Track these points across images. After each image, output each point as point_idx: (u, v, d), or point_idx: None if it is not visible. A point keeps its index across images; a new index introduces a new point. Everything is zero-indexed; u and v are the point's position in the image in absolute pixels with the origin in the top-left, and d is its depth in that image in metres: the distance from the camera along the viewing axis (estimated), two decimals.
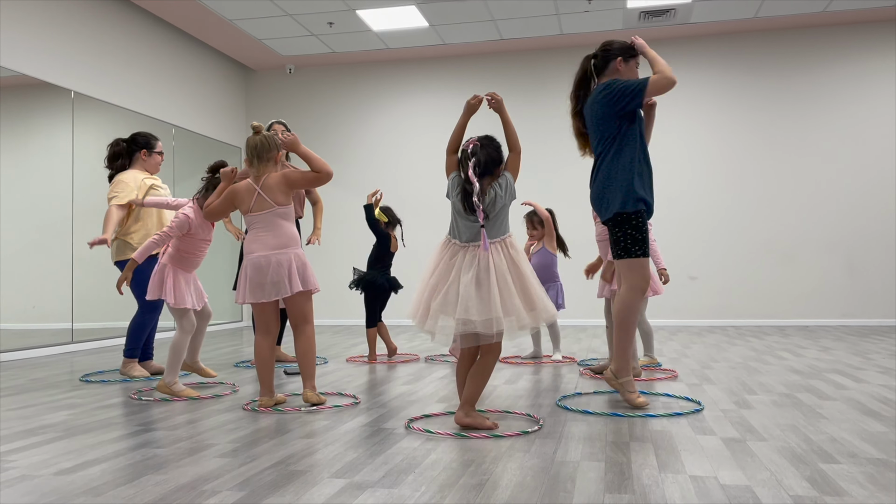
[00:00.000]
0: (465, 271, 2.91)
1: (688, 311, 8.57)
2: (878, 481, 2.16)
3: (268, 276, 3.43)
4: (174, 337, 3.88)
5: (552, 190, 8.61)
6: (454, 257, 2.99)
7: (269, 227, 3.48)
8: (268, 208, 3.48)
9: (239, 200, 3.53)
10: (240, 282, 3.54)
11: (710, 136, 8.68)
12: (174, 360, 3.85)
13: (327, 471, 2.36)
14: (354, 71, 9.62)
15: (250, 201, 3.50)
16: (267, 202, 3.48)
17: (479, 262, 2.92)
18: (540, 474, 2.29)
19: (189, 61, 8.55)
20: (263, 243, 3.47)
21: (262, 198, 3.48)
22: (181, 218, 3.86)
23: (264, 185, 3.49)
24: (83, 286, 6.67)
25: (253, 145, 3.51)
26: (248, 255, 3.49)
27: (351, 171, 9.41)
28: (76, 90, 6.73)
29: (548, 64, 9.00)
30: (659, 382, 4.18)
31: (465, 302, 2.85)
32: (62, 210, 6.54)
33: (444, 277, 2.95)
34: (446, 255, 3.01)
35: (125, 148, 4.77)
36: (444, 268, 2.98)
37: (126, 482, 2.26)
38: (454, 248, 3.01)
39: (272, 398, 3.53)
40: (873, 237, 8.26)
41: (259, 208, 3.49)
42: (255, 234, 3.51)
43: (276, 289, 3.45)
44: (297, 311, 3.55)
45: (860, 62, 8.39)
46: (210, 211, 3.65)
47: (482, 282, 2.89)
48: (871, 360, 5.03)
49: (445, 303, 2.89)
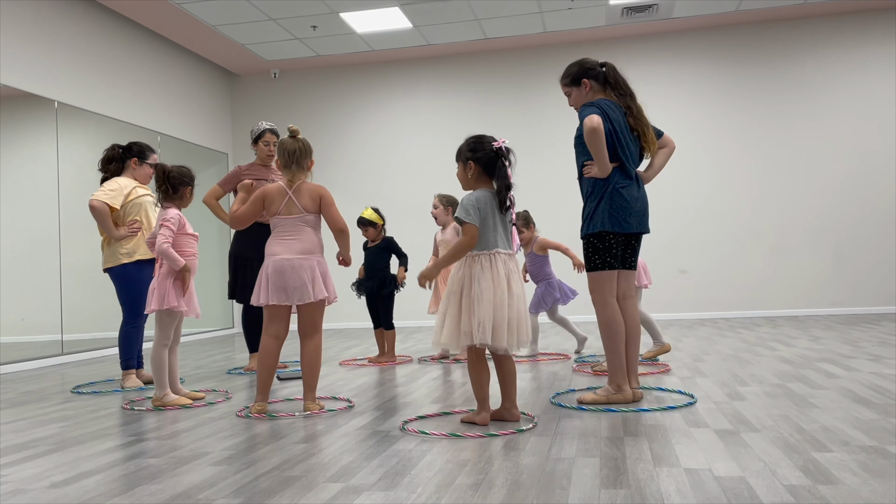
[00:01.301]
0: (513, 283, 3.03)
1: (678, 305, 8.61)
2: (870, 468, 2.18)
3: (290, 280, 3.43)
4: (152, 351, 3.84)
5: (536, 187, 8.63)
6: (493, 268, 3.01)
7: (296, 233, 3.49)
8: (297, 213, 3.49)
9: (269, 201, 3.52)
10: (259, 282, 3.50)
11: (696, 130, 8.71)
12: (159, 374, 3.82)
13: (323, 475, 2.36)
14: (339, 74, 9.60)
15: (280, 203, 3.49)
16: (297, 207, 3.49)
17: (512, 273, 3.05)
18: (536, 472, 2.30)
19: (173, 68, 8.52)
20: (288, 247, 3.47)
21: (293, 202, 3.49)
22: (173, 220, 3.82)
23: (297, 190, 3.51)
24: (72, 297, 6.63)
25: (292, 150, 3.50)
26: (270, 256, 3.48)
27: (338, 173, 9.39)
28: (60, 100, 6.69)
29: (533, 62, 9.02)
30: (651, 377, 4.20)
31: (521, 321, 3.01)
32: (48, 221, 6.50)
33: (504, 291, 2.98)
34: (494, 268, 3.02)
35: (119, 153, 4.75)
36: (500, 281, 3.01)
37: (121, 493, 2.25)
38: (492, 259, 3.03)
39: (266, 405, 3.52)
40: (860, 226, 8.32)
41: (288, 212, 3.50)
42: (279, 237, 3.50)
43: (299, 293, 3.44)
44: (309, 320, 3.54)
45: (843, 53, 8.45)
46: (239, 217, 3.58)
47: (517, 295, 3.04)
48: (860, 349, 5.07)
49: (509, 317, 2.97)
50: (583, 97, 3.54)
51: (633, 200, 3.44)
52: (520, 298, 3.01)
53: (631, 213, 3.43)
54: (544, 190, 8.58)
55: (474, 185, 3.12)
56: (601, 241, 3.42)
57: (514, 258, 3.10)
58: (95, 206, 4.46)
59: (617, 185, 3.40)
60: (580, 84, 3.54)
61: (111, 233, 4.51)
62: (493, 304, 2.93)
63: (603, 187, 3.41)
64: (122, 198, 4.56)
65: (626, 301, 3.54)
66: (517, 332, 2.98)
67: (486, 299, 2.94)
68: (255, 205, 3.54)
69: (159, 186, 3.91)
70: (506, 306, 2.94)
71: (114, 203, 4.51)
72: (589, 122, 3.28)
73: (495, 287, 2.96)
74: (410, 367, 5.07)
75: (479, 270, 3.00)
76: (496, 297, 2.94)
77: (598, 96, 3.51)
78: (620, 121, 3.44)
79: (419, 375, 4.64)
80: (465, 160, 3.12)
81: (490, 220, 3.03)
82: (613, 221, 3.40)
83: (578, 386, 3.94)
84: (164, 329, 3.86)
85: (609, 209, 3.40)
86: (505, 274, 3.00)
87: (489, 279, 2.97)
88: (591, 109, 3.37)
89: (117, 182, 4.60)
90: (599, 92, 3.53)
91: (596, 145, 3.30)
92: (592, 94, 3.52)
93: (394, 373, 4.84)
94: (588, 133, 3.29)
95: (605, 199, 3.40)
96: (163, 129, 8.19)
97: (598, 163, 3.35)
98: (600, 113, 3.35)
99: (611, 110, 3.42)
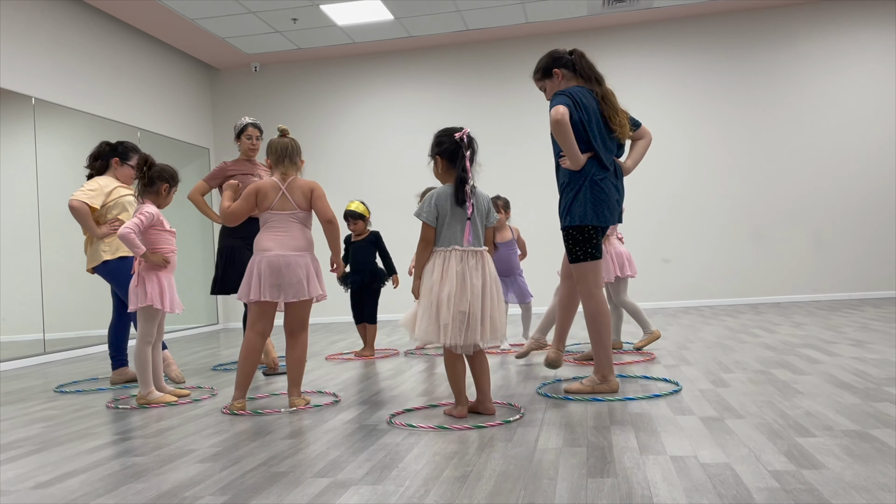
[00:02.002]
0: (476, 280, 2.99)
1: (663, 294, 8.66)
2: (853, 452, 2.20)
3: (285, 277, 3.42)
4: (136, 349, 3.82)
5: (518, 178, 8.64)
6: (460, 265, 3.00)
7: (288, 229, 3.48)
8: (289, 209, 3.49)
9: (262, 196, 3.49)
10: (250, 279, 3.46)
11: (677, 119, 8.75)
12: (143, 372, 3.80)
13: (310, 470, 2.35)
14: (321, 67, 9.55)
15: (274, 198, 3.48)
16: (290, 203, 3.49)
17: (487, 271, 3.03)
18: (523, 462, 2.30)
19: (152, 63, 8.43)
20: (281, 243, 3.45)
21: (286, 198, 3.49)
22: (147, 214, 3.79)
23: (290, 186, 3.50)
24: (53, 295, 6.56)
25: (284, 146, 3.51)
26: (263, 252, 3.45)
27: (322, 167, 9.35)
28: (37, 96, 6.60)
29: (515, 53, 9.01)
30: (637, 365, 4.22)
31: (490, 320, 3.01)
32: (28, 219, 6.42)
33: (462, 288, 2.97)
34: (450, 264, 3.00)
35: (106, 151, 4.70)
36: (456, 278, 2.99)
37: (106, 492, 2.23)
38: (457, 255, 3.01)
39: (245, 401, 3.50)
40: (840, 213, 8.41)
41: (281, 208, 3.48)
42: (272, 232, 3.48)
43: (295, 290, 3.44)
44: (298, 317, 3.54)
45: (821, 41, 8.51)
46: (233, 213, 3.51)
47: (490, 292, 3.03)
48: (842, 334, 5.13)
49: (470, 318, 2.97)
50: (556, 88, 3.49)
51: (611, 191, 3.40)
52: (477, 295, 2.96)
53: (608, 204, 3.38)
54: (527, 180, 8.59)
55: (446, 179, 3.10)
56: (581, 232, 3.38)
57: (478, 254, 3.04)
58: (75, 206, 4.41)
59: (594, 178, 3.35)
60: (552, 75, 3.50)
61: (93, 231, 4.47)
62: (438, 302, 2.94)
63: (579, 179, 3.35)
64: (103, 197, 4.51)
65: None
66: (478, 328, 2.95)
67: (425, 297, 2.97)
68: (248, 200, 3.50)
69: (138, 175, 3.91)
70: (452, 305, 2.92)
71: (93, 203, 4.45)
72: (554, 114, 3.21)
73: (443, 285, 2.95)
74: (396, 361, 5.06)
75: (430, 268, 3.02)
76: (443, 294, 2.94)
77: (571, 84, 3.47)
78: (593, 108, 3.37)
79: (405, 369, 4.64)
80: (431, 156, 3.11)
81: (447, 216, 3.02)
82: (590, 215, 3.35)
83: (565, 376, 3.95)
84: (147, 326, 3.83)
85: (588, 202, 3.34)
86: (460, 271, 2.97)
87: (438, 277, 2.97)
88: (559, 99, 3.31)
89: (97, 182, 4.55)
90: (572, 80, 3.48)
91: (562, 137, 3.24)
92: (565, 82, 3.48)
93: (380, 367, 4.83)
94: (553, 126, 3.23)
95: (582, 191, 3.35)
96: (143, 125, 8.11)
97: (569, 155, 3.29)
98: (570, 102, 3.30)
99: (583, 97, 3.36)
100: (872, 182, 8.33)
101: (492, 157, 8.72)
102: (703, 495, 1.89)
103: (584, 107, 3.34)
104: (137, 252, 3.75)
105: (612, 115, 3.41)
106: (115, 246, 4.50)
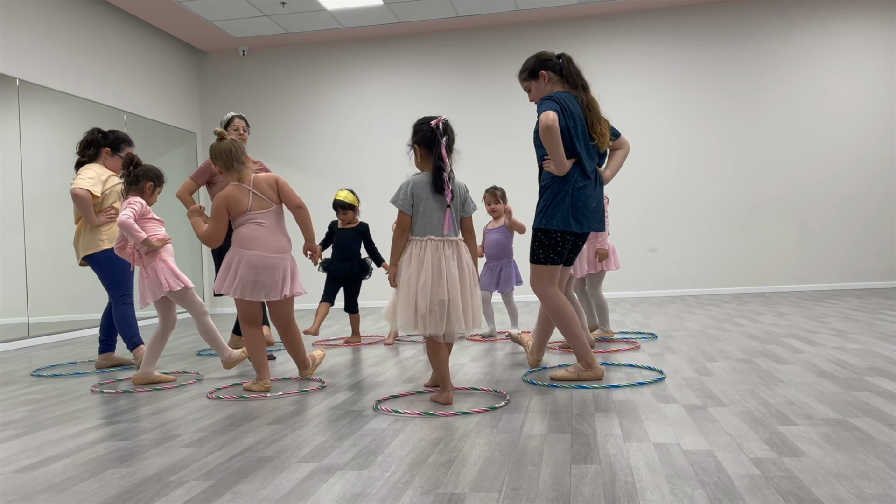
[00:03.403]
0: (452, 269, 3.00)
1: (648, 283, 8.72)
2: (833, 441, 2.23)
3: (261, 277, 3.47)
4: (156, 331, 3.90)
5: (510, 168, 8.64)
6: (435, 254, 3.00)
7: (269, 227, 3.51)
8: (268, 207, 3.52)
9: (235, 203, 3.49)
10: (226, 274, 3.50)
11: (664, 109, 8.77)
12: (153, 353, 3.88)
13: (295, 456, 2.36)
14: (309, 52, 9.48)
15: (247, 201, 3.49)
16: (266, 201, 3.52)
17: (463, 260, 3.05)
18: (508, 449, 2.32)
19: (138, 45, 8.34)
20: (262, 243, 3.48)
21: (259, 197, 3.51)
22: (137, 203, 3.84)
23: (255, 185, 3.51)
24: (38, 279, 6.51)
25: (227, 150, 3.51)
26: (244, 250, 3.46)
27: (309, 153, 9.31)
28: (21, 78, 6.52)
29: (505, 41, 8.98)
30: (621, 354, 4.25)
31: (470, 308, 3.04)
32: (12, 202, 6.36)
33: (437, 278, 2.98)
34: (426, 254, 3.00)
35: (98, 139, 4.65)
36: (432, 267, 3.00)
37: (90, 476, 2.22)
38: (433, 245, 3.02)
39: (269, 382, 3.57)
40: (825, 204, 8.47)
41: (259, 207, 3.50)
42: (251, 231, 3.48)
43: (267, 291, 3.51)
44: (282, 314, 3.65)
45: (809, 31, 8.53)
46: (211, 235, 3.49)
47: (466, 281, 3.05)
48: (825, 324, 5.18)
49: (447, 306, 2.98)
50: (541, 90, 3.47)
51: (588, 200, 3.39)
52: (455, 284, 2.97)
53: (585, 212, 3.38)
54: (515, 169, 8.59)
55: (425, 168, 3.10)
56: (548, 237, 3.39)
57: (454, 244, 3.04)
58: (80, 194, 4.39)
59: (575, 185, 3.35)
60: (538, 77, 3.47)
61: (91, 220, 4.43)
62: (412, 292, 2.96)
63: (561, 185, 3.35)
64: (101, 185, 4.51)
65: (566, 289, 3.59)
66: (460, 317, 2.97)
67: (403, 288, 2.99)
68: (220, 216, 3.50)
69: (124, 174, 3.98)
70: (429, 294, 2.94)
71: (95, 190, 4.45)
72: (544, 119, 3.19)
73: (419, 275, 2.97)
74: (383, 348, 5.07)
75: (406, 258, 3.03)
76: (418, 284, 2.96)
77: (557, 88, 3.45)
78: (579, 114, 3.36)
79: (392, 355, 4.65)
80: (410, 145, 3.11)
81: (423, 205, 3.02)
82: (566, 222, 3.34)
83: (550, 364, 3.97)
84: (192, 304, 3.91)
85: (565, 209, 3.34)
86: (435, 261, 2.98)
87: (414, 267, 2.99)
88: (548, 104, 3.29)
89: (94, 170, 4.52)
90: (558, 84, 3.45)
91: (551, 143, 3.21)
92: (552, 86, 3.45)
93: (367, 353, 4.84)
94: (543, 131, 3.20)
95: (560, 197, 3.34)
96: (129, 108, 8.03)
97: (555, 161, 3.27)
98: (559, 108, 3.28)
99: (570, 103, 3.35)
100: (859, 173, 8.40)
101: (481, 144, 8.72)
102: (685, 482, 1.91)
103: (571, 113, 3.32)
104: (138, 237, 3.77)
105: (594, 122, 3.40)
106: (111, 234, 4.47)
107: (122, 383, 4.01)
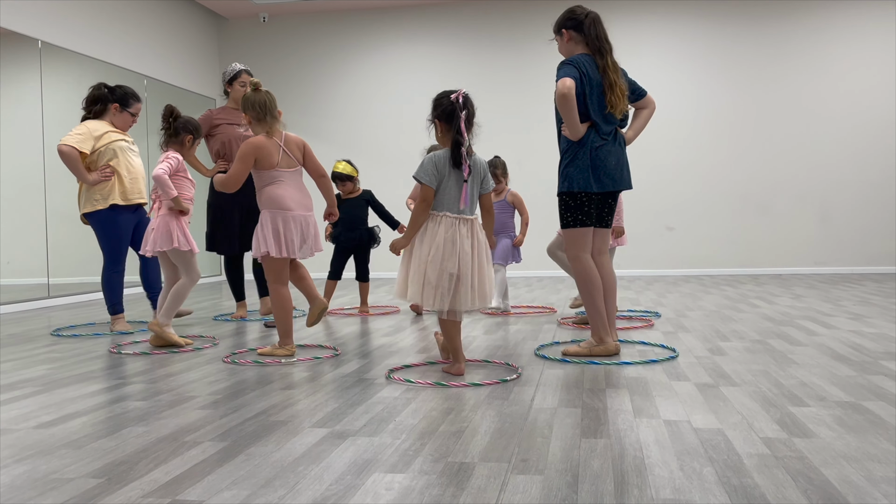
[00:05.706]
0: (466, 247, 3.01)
1: (664, 261, 8.67)
2: (845, 423, 2.23)
3: (306, 235, 3.55)
4: (179, 283, 3.93)
5: (532, 142, 8.58)
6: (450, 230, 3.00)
7: (297, 186, 3.56)
8: (294, 167, 3.55)
9: (265, 154, 3.46)
10: (269, 235, 3.48)
11: (685, 89, 8.65)
12: (173, 305, 3.92)
13: (308, 420, 2.39)
14: (330, 20, 9.42)
15: (277, 157, 3.49)
16: (292, 160, 3.54)
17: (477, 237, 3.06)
18: (518, 421, 2.33)
19: (160, 10, 8.32)
20: (299, 203, 3.54)
21: (287, 155, 3.51)
22: (174, 159, 3.92)
23: (286, 142, 3.52)
24: (58, 240, 6.59)
25: (262, 102, 3.48)
26: (284, 210, 3.48)
27: (327, 122, 9.29)
28: (43, 39, 6.54)
29: (528, 12, 8.87)
30: (635, 331, 4.25)
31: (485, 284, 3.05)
32: (33, 163, 6.42)
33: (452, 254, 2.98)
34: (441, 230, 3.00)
35: (106, 94, 4.60)
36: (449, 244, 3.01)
37: (107, 434, 2.27)
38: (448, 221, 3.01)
39: (293, 346, 3.60)
40: (846, 187, 8.36)
41: (287, 165, 3.52)
42: (285, 191, 3.49)
43: (309, 247, 3.60)
44: (297, 263, 3.71)
45: (832, 12, 8.36)
46: (232, 179, 3.47)
47: None
48: (841, 307, 5.14)
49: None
50: (564, 48, 3.45)
51: (607, 158, 3.36)
52: (466, 259, 2.97)
53: (604, 171, 3.36)
54: (535, 142, 8.53)
55: (445, 142, 3.07)
56: (573, 199, 3.40)
57: (469, 222, 3.03)
58: (64, 151, 4.34)
59: (592, 146, 3.33)
60: (561, 34, 3.45)
61: (83, 178, 4.41)
62: (422, 264, 2.97)
63: (577, 147, 3.35)
64: (92, 142, 4.43)
65: (600, 257, 3.53)
66: (468, 293, 2.97)
67: (415, 262, 3.00)
68: (246, 162, 3.46)
69: (164, 126, 3.98)
70: (438, 267, 2.94)
71: (83, 147, 4.38)
72: (560, 87, 3.18)
73: (431, 250, 2.96)
74: (397, 318, 5.10)
75: (421, 233, 3.03)
76: (429, 258, 2.96)
77: (579, 48, 3.40)
78: (597, 80, 3.32)
79: (405, 325, 4.68)
80: (431, 119, 3.08)
81: (442, 180, 3.01)
82: (585, 182, 3.34)
83: (563, 339, 3.98)
84: (183, 267, 3.94)
85: (581, 169, 3.34)
86: (449, 236, 2.97)
87: (427, 240, 2.99)
88: (567, 70, 3.26)
89: (86, 126, 4.46)
90: (580, 43, 3.40)
91: (566, 110, 3.21)
92: (573, 45, 3.42)
93: (380, 323, 4.87)
94: (559, 99, 3.20)
95: (577, 158, 3.34)
96: (149, 72, 8.04)
97: (569, 127, 3.27)
98: (577, 74, 3.25)
99: (589, 66, 3.31)
100: (881, 157, 8.27)
101: (503, 120, 8.66)
102: (694, 458, 1.92)
103: (588, 78, 3.30)
104: (171, 194, 3.82)
105: (607, 91, 3.33)
106: (106, 193, 4.46)
107: (139, 345, 4.07)
